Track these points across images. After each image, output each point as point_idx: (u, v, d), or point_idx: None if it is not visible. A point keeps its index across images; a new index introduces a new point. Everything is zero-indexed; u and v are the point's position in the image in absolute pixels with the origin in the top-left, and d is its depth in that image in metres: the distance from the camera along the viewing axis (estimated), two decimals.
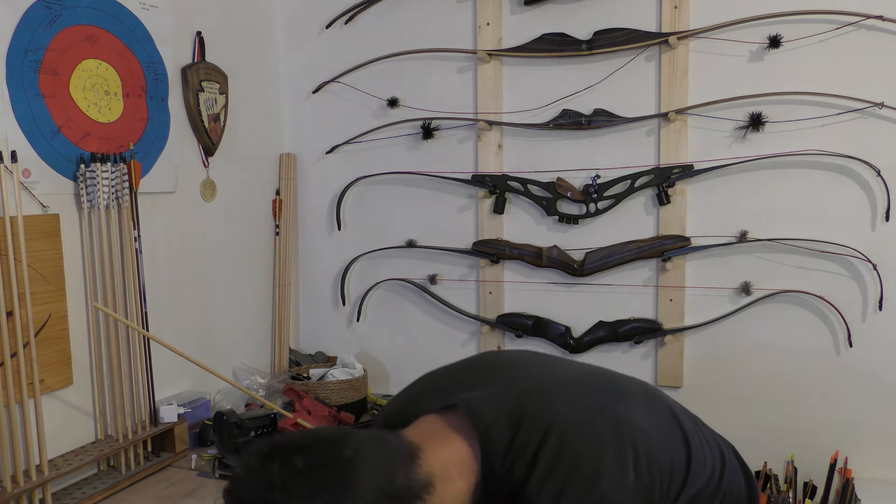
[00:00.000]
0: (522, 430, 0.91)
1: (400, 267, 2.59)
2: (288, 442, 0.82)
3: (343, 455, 0.80)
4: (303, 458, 0.79)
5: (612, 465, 0.89)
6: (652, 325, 2.22)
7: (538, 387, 0.98)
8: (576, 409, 0.94)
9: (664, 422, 1.03)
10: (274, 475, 0.77)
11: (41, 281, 1.78)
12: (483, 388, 0.99)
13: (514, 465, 0.90)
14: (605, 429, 0.92)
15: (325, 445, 0.81)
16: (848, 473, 2.00)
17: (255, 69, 2.57)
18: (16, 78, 1.73)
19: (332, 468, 0.79)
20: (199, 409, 2.19)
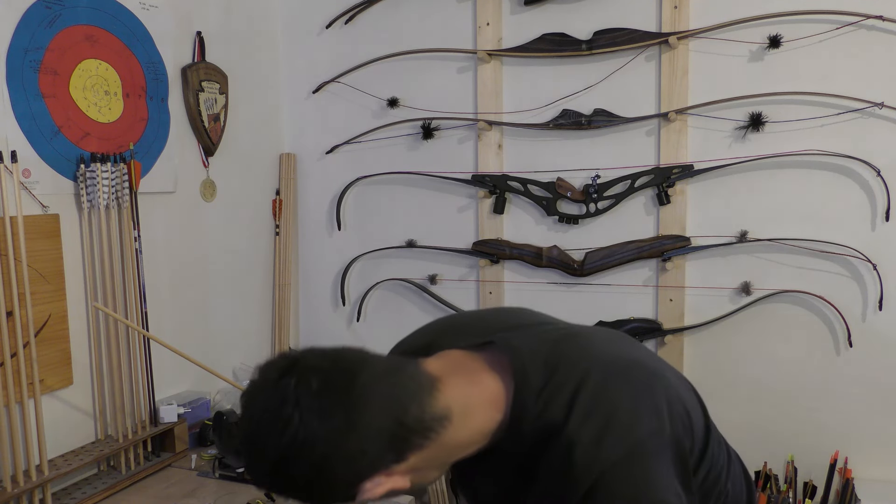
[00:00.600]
0: (559, 373, 0.90)
1: (400, 267, 2.59)
2: (307, 359, 0.83)
3: (358, 381, 0.81)
4: (319, 379, 0.80)
5: (648, 413, 0.88)
6: (652, 325, 2.22)
7: (573, 334, 0.98)
8: (611, 358, 0.93)
9: (688, 387, 1.03)
10: (289, 391, 0.79)
11: (41, 281, 1.78)
12: (515, 332, 0.99)
13: (549, 406, 0.88)
14: (640, 379, 0.91)
15: (341, 369, 0.82)
16: (848, 473, 2.00)
17: (255, 69, 2.57)
18: (16, 78, 1.73)
19: (345, 394, 0.80)
20: (199, 409, 2.19)
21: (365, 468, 0.82)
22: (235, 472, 1.91)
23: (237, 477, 1.90)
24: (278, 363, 0.83)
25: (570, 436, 0.86)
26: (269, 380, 0.81)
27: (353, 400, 0.80)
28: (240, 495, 1.80)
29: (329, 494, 0.82)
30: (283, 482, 0.81)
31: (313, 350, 0.86)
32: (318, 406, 0.78)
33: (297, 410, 0.78)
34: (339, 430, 0.79)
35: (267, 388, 0.81)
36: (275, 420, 0.78)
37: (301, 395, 0.78)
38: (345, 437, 0.79)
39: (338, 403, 0.79)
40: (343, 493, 0.83)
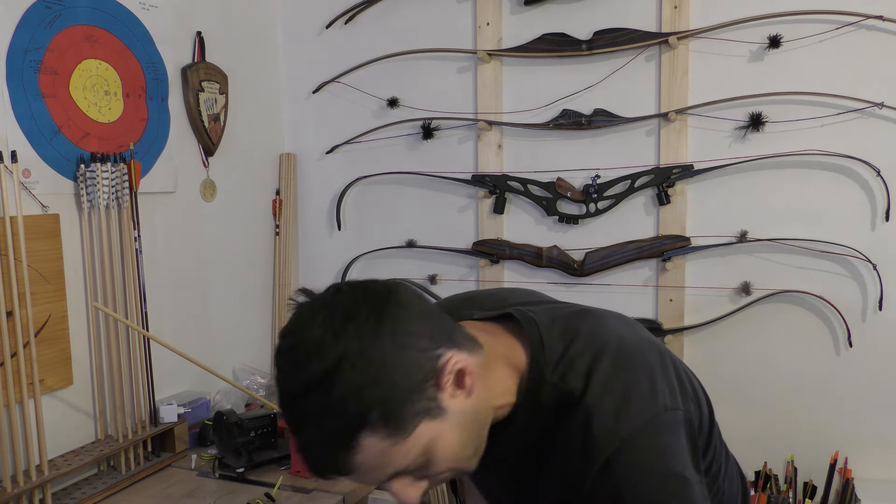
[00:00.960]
0: (575, 344, 0.91)
1: (400, 267, 2.59)
2: (343, 285, 0.86)
3: (398, 297, 0.84)
4: (366, 303, 0.82)
5: (664, 389, 0.89)
6: (652, 325, 2.22)
7: (586, 311, 0.99)
8: (626, 335, 0.94)
9: (693, 374, 1.03)
10: (341, 307, 0.81)
11: (41, 281, 1.78)
12: (529, 306, 1.00)
13: (567, 376, 0.89)
14: (653, 355, 0.92)
15: (383, 297, 0.83)
16: (848, 473, 2.00)
17: (255, 69, 2.57)
18: (16, 78, 1.73)
19: (393, 306, 0.82)
20: (199, 409, 2.18)
21: (425, 345, 0.82)
22: (235, 472, 1.91)
23: (237, 477, 1.90)
24: (321, 293, 0.85)
25: (589, 407, 0.87)
26: (322, 300, 0.83)
27: (386, 319, 0.81)
28: (240, 495, 1.80)
29: (396, 395, 0.79)
30: (357, 375, 0.77)
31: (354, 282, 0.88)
32: (371, 326, 0.79)
33: (350, 324, 0.79)
34: (386, 337, 0.79)
35: (316, 305, 0.83)
36: (328, 332, 0.78)
37: (352, 315, 0.80)
38: (397, 343, 0.80)
39: (373, 320, 0.80)
40: (423, 372, 0.81)
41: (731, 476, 1.09)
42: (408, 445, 0.80)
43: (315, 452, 0.81)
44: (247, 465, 1.93)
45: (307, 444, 0.81)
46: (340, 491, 1.81)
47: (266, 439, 2.01)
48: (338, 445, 0.79)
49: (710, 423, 1.00)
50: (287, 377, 0.81)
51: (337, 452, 0.79)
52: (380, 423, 0.77)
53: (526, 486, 0.96)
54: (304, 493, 1.81)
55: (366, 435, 0.78)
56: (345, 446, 0.79)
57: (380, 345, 0.78)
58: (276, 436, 2.03)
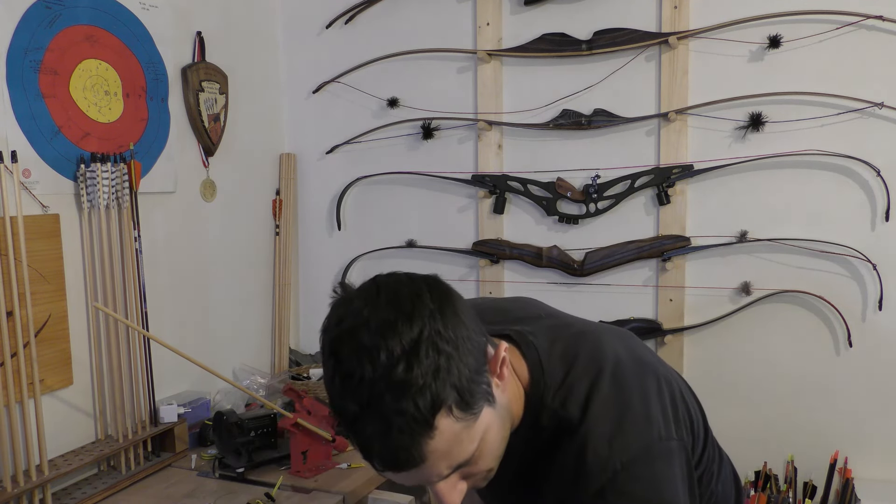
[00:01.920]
0: (575, 369, 0.91)
1: (400, 267, 2.54)
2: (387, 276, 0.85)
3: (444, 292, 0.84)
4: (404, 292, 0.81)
5: (659, 416, 0.90)
6: (652, 325, 2.22)
7: (586, 331, 0.99)
8: (623, 358, 0.94)
9: (689, 389, 1.04)
10: (399, 297, 0.80)
11: (41, 281, 1.78)
12: (529, 324, 0.99)
13: (567, 403, 0.90)
14: (651, 381, 0.93)
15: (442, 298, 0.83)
16: (848, 473, 2.00)
17: (255, 69, 2.57)
18: (16, 78, 1.73)
19: (446, 297, 0.82)
20: (199, 409, 2.18)
21: (483, 351, 0.82)
22: (235, 472, 1.91)
23: (237, 477, 1.90)
24: (365, 284, 0.84)
25: (585, 435, 0.88)
26: (368, 293, 0.82)
27: (449, 299, 0.81)
28: (240, 495, 1.80)
29: (469, 374, 0.78)
30: (420, 368, 0.75)
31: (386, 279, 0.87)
32: (418, 303, 0.79)
33: (419, 301, 0.78)
34: (454, 317, 0.79)
35: (369, 297, 0.81)
36: (399, 314, 0.77)
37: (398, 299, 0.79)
38: (462, 323, 0.79)
39: (438, 300, 0.80)
40: (483, 356, 0.82)
41: (725, 478, 1.10)
42: (475, 430, 0.80)
43: (392, 439, 0.76)
44: (247, 465, 1.93)
45: (381, 433, 0.76)
46: (340, 491, 1.81)
47: (266, 439, 2.01)
48: (417, 428, 0.75)
49: (704, 433, 1.01)
50: (354, 361, 0.76)
51: (416, 436, 0.75)
52: (455, 403, 0.77)
53: (526, 494, 0.97)
54: (304, 493, 1.81)
55: (443, 416, 0.76)
56: (424, 429, 0.75)
57: (450, 325, 0.78)
58: (276, 436, 2.03)
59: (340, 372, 0.77)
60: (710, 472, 1.04)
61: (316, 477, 1.89)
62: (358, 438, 0.78)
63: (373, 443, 0.77)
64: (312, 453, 1.93)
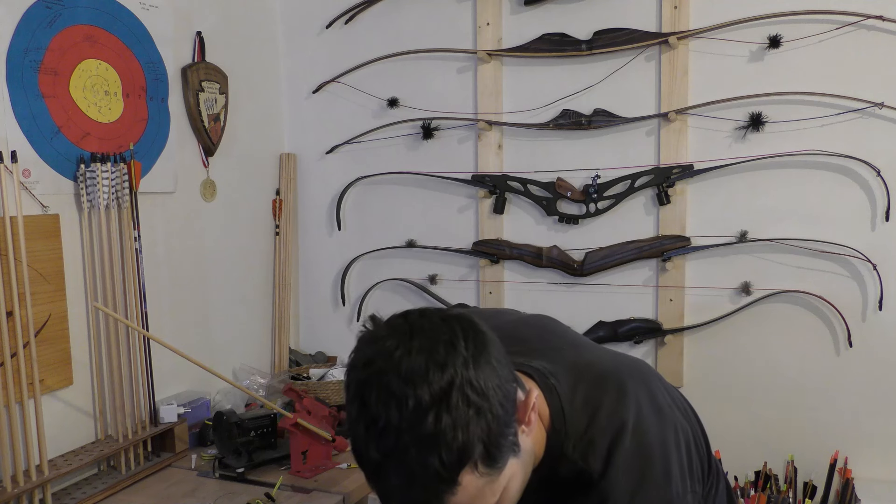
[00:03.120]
0: (597, 421, 0.90)
1: (400, 267, 2.59)
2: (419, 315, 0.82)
3: (485, 335, 0.80)
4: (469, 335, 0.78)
5: (677, 472, 0.90)
6: (652, 325, 2.22)
7: (607, 374, 0.96)
8: (645, 409, 0.93)
9: (693, 420, 1.03)
10: (437, 338, 0.76)
11: (41, 281, 1.78)
12: (549, 359, 0.97)
13: (588, 455, 0.89)
14: (669, 434, 0.92)
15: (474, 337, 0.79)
16: (848, 473, 2.00)
17: (255, 69, 2.57)
18: (16, 78, 1.73)
19: (479, 341, 0.79)
20: (199, 409, 2.18)
21: (513, 400, 0.79)
22: (235, 472, 1.91)
23: (237, 477, 1.90)
24: (395, 319, 0.81)
25: (605, 491, 0.87)
26: (399, 330, 0.79)
27: (484, 347, 0.78)
28: (240, 495, 1.80)
29: (497, 428, 0.75)
30: (442, 421, 0.72)
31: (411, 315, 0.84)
32: (456, 348, 0.76)
33: (453, 349, 0.74)
34: (487, 365, 0.76)
35: (404, 337, 0.77)
36: (433, 356, 0.74)
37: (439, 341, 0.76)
38: (494, 371, 0.76)
39: (472, 347, 0.76)
40: (512, 391, 0.79)
41: (720, 496, 1.10)
42: (498, 484, 0.78)
43: (413, 493, 0.74)
44: (247, 465, 1.93)
45: (403, 485, 0.73)
46: (340, 491, 1.81)
47: (266, 439, 2.01)
48: (441, 484, 0.73)
49: (707, 464, 1.01)
50: (381, 408, 0.73)
51: (438, 492, 0.73)
52: (482, 458, 0.74)
53: None
54: (304, 493, 1.81)
55: (468, 472, 0.73)
56: (448, 485, 0.73)
57: (483, 374, 0.74)
58: (276, 436, 2.03)
59: (366, 417, 0.74)
60: (709, 496, 1.04)
61: (316, 477, 1.89)
62: (378, 487, 0.76)
63: (394, 494, 0.75)
64: (312, 453, 1.93)
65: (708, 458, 1.03)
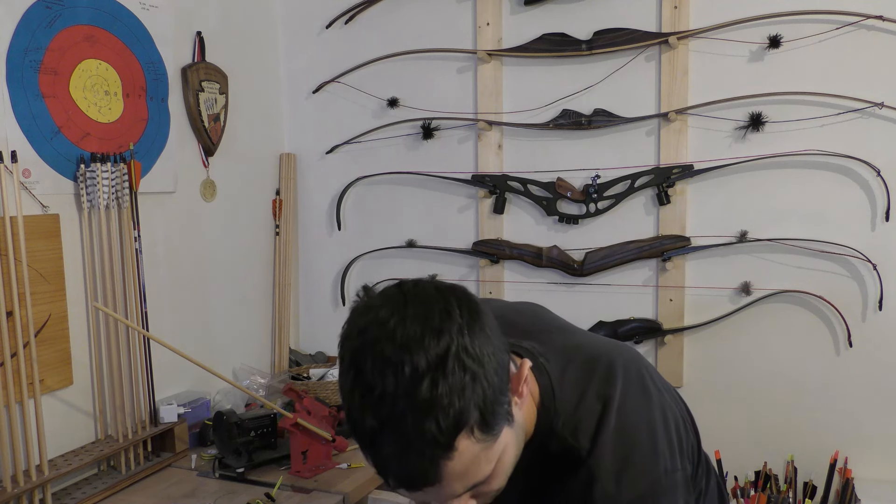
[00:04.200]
0: (586, 400, 0.91)
1: (400, 267, 2.59)
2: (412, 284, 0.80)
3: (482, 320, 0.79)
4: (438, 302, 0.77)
5: (665, 450, 0.91)
6: (652, 325, 2.22)
7: (597, 356, 0.97)
8: (631, 389, 0.94)
9: (685, 410, 1.04)
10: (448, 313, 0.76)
11: (41, 281, 1.78)
12: (539, 341, 0.98)
13: (577, 432, 0.90)
14: (656, 413, 0.93)
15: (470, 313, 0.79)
16: (848, 473, 2.00)
17: (255, 69, 2.57)
18: (16, 78, 1.73)
19: (475, 311, 0.78)
20: (199, 409, 2.19)
21: (506, 369, 0.80)
22: (235, 472, 1.91)
23: (237, 477, 1.90)
24: (388, 290, 0.79)
25: (593, 469, 0.88)
26: (396, 299, 0.77)
27: (478, 315, 0.78)
28: (240, 495, 1.80)
29: (493, 395, 0.76)
30: (437, 391, 0.72)
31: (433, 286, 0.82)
32: (452, 315, 0.76)
33: (447, 316, 0.75)
34: (482, 333, 0.76)
35: (399, 305, 0.76)
36: (431, 320, 0.74)
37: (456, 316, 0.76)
38: (489, 340, 0.77)
39: (467, 315, 0.76)
40: (507, 374, 0.79)
41: (711, 492, 1.10)
42: (493, 451, 0.79)
43: (410, 460, 0.74)
44: (247, 465, 1.93)
45: (400, 453, 0.74)
46: (341, 491, 1.81)
47: (266, 439, 2.01)
48: (437, 449, 0.73)
49: (698, 453, 1.02)
50: (377, 375, 0.73)
51: (435, 458, 0.73)
52: (477, 423, 0.75)
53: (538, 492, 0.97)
54: (304, 493, 1.81)
55: (464, 437, 0.74)
56: (444, 451, 0.73)
57: (478, 342, 0.75)
58: (276, 436, 2.03)
59: (361, 385, 0.74)
60: (699, 488, 1.05)
61: (316, 477, 1.89)
62: (374, 456, 0.76)
63: (390, 462, 0.75)
64: (312, 453, 1.93)
65: (698, 449, 1.03)
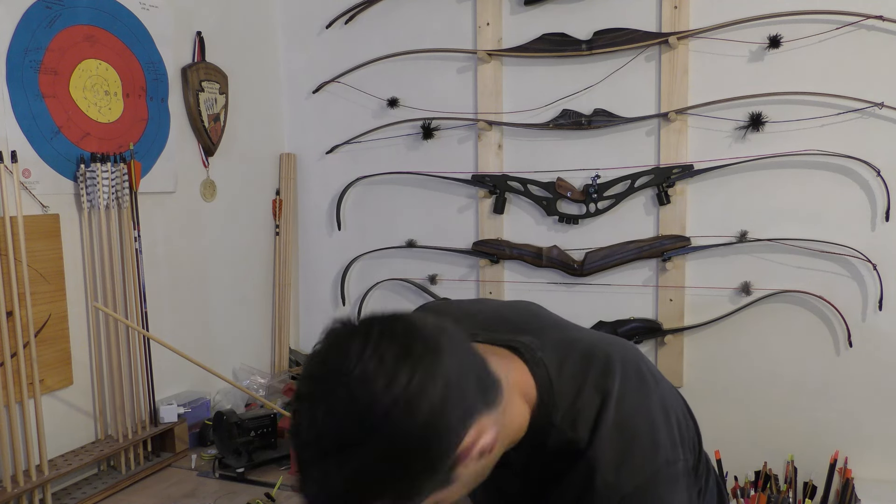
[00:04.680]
0: (584, 392, 0.91)
1: (400, 267, 2.59)
2: (375, 321, 0.81)
3: (441, 335, 0.80)
4: (400, 338, 0.78)
5: (665, 441, 0.90)
6: (652, 325, 2.22)
7: (593, 350, 0.97)
8: (630, 380, 0.94)
9: (685, 406, 1.04)
10: (381, 349, 0.76)
11: (41, 281, 1.78)
12: (535, 335, 0.98)
13: (575, 426, 0.90)
14: (655, 405, 0.93)
15: (414, 327, 0.80)
16: (848, 473, 2.00)
17: (255, 69, 2.57)
18: (16, 78, 1.73)
19: (433, 344, 0.78)
20: (199, 409, 2.19)
21: (467, 409, 0.79)
22: (235, 472, 1.91)
23: (237, 477, 1.90)
24: (357, 330, 0.79)
25: (592, 461, 0.88)
26: (352, 343, 0.77)
27: (441, 348, 0.78)
28: (240, 495, 1.80)
29: (439, 446, 0.76)
30: (388, 444, 0.73)
31: (374, 316, 0.83)
32: (412, 359, 0.75)
33: (400, 364, 0.74)
34: (437, 373, 0.75)
35: (338, 343, 0.78)
36: (375, 377, 0.73)
37: (389, 350, 0.75)
38: (443, 379, 0.76)
39: (427, 353, 0.76)
40: (452, 442, 0.77)
41: (710, 490, 1.10)
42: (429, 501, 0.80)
43: (318, 497, 0.78)
44: (247, 465, 1.93)
45: (313, 494, 0.78)
46: None
47: (266, 439, 2.01)
48: None
49: (699, 449, 1.02)
50: (313, 417, 0.76)
51: None
52: (391, 497, 0.76)
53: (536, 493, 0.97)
54: None
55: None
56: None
57: (427, 399, 0.74)
58: (276, 436, 2.03)
59: (299, 420, 0.78)
60: (699, 485, 1.04)
61: None
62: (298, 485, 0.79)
63: (306, 493, 0.79)
64: None
65: (699, 443, 1.02)
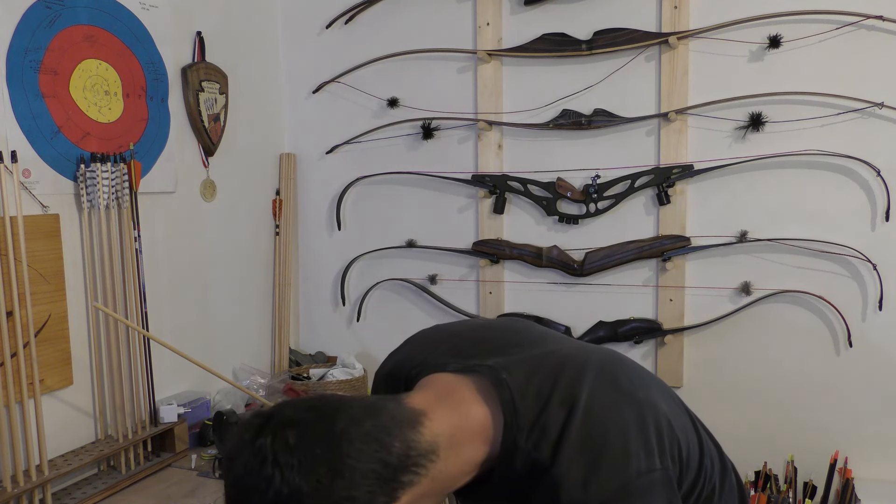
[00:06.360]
0: (549, 408, 0.89)
1: (400, 267, 2.59)
2: (280, 414, 0.81)
3: (336, 428, 0.79)
4: (295, 433, 0.77)
5: (638, 450, 0.87)
6: (652, 325, 2.22)
7: (565, 360, 0.96)
8: (601, 389, 0.91)
9: (678, 409, 1.02)
10: (265, 450, 0.76)
11: (41, 281, 1.78)
12: (508, 357, 0.97)
13: (540, 444, 0.88)
14: (630, 410, 0.90)
15: (317, 418, 0.80)
16: (848, 473, 2.00)
17: (255, 69, 2.57)
18: (16, 78, 1.73)
19: (324, 442, 0.77)
20: (199, 409, 2.19)
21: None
22: None
23: None
24: (253, 423, 0.80)
25: (557, 479, 0.86)
26: (244, 441, 0.79)
27: (333, 448, 0.77)
28: None
29: None
30: None
31: (288, 403, 0.83)
32: (298, 460, 0.76)
33: (276, 469, 0.75)
34: (322, 481, 0.76)
35: (244, 450, 0.78)
36: (256, 482, 0.76)
37: (279, 452, 0.76)
38: (329, 488, 0.76)
39: (317, 454, 0.77)
40: None
41: (730, 489, 1.07)
42: None
43: None
44: None
45: None
46: None
47: None
48: None
49: (699, 455, 0.99)
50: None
51: None
52: None
53: None
54: None
55: None
56: None
57: (317, 490, 0.75)
58: None
59: None
60: (710, 487, 1.02)
61: None
62: None
63: None
64: None
65: (699, 448, 1.00)
